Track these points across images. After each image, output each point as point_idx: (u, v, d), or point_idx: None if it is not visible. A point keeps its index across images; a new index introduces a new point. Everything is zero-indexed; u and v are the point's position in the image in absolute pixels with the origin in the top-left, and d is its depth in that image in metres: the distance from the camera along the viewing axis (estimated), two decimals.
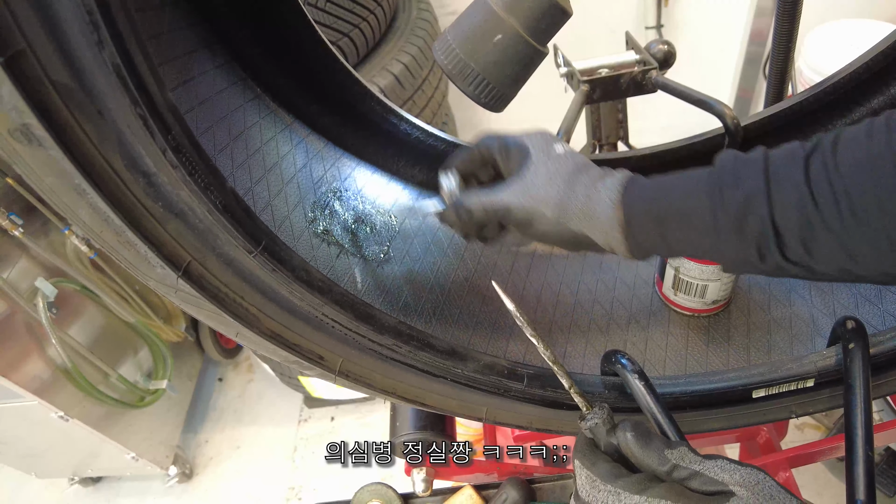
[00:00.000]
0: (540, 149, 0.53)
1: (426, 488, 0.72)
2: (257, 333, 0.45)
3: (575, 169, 0.50)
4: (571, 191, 0.49)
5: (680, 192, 0.44)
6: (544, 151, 0.52)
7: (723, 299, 0.71)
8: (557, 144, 0.53)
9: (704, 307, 0.71)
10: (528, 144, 0.53)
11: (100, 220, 0.37)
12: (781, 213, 0.39)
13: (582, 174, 0.50)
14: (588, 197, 0.48)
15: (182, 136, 0.36)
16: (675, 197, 0.44)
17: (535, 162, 0.52)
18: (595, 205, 0.48)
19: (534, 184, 0.51)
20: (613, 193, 0.47)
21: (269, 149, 0.68)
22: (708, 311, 0.72)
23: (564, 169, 0.50)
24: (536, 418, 0.60)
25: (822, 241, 0.38)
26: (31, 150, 0.32)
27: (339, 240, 0.69)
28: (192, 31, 0.63)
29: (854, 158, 0.36)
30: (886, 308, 0.66)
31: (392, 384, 0.54)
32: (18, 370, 1.41)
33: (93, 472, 1.92)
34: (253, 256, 0.42)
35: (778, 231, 0.39)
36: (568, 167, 0.51)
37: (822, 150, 0.38)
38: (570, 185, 0.49)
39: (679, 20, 2.04)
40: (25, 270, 1.45)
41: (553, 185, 0.50)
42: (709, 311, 0.72)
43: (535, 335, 0.44)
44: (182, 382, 1.99)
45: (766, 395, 0.60)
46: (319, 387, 1.82)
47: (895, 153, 0.35)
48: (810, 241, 0.38)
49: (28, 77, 0.29)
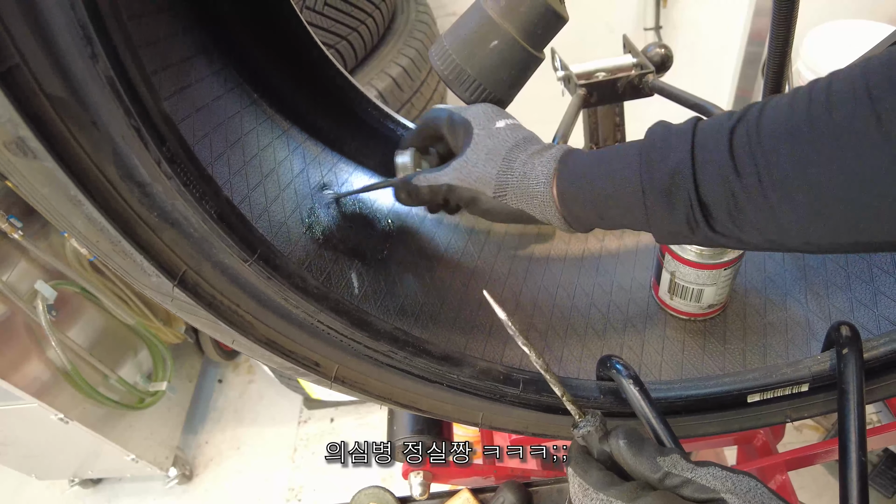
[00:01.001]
0: (481, 125, 0.53)
1: (423, 492, 0.72)
2: (253, 341, 0.46)
3: (513, 145, 0.51)
4: (509, 168, 0.49)
5: (611, 168, 0.44)
6: (485, 128, 0.53)
7: (718, 303, 0.72)
8: (500, 119, 0.54)
9: (700, 311, 0.72)
10: (470, 120, 0.54)
11: (95, 230, 0.37)
12: (707, 186, 0.39)
13: (520, 150, 0.50)
14: (524, 175, 0.49)
15: (177, 146, 0.36)
16: (606, 174, 0.45)
17: (475, 139, 0.52)
18: (530, 182, 0.48)
19: (473, 161, 0.51)
20: (549, 170, 0.47)
21: (266, 155, 0.68)
22: (704, 314, 0.72)
23: (503, 145, 0.51)
24: (532, 423, 0.61)
25: (748, 213, 0.38)
26: (26, 161, 0.33)
27: (335, 245, 0.69)
28: (189, 38, 0.63)
29: (776, 128, 0.36)
30: (881, 312, 0.66)
31: (388, 390, 0.54)
32: (18, 372, 1.41)
33: (93, 474, 1.93)
34: (248, 265, 0.42)
35: (704, 204, 0.39)
36: (507, 143, 0.51)
37: (748, 120, 0.37)
38: (508, 163, 0.50)
39: (678, 21, 2.04)
40: (25, 273, 1.45)
41: (491, 163, 0.50)
42: (705, 315, 0.72)
43: (526, 343, 0.44)
44: (182, 384, 1.99)
45: (761, 400, 0.61)
46: (318, 388, 1.82)
47: (813, 123, 0.34)
48: (736, 213, 0.38)
49: (23, 90, 0.30)
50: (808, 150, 0.34)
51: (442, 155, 0.62)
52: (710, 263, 0.65)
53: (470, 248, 0.81)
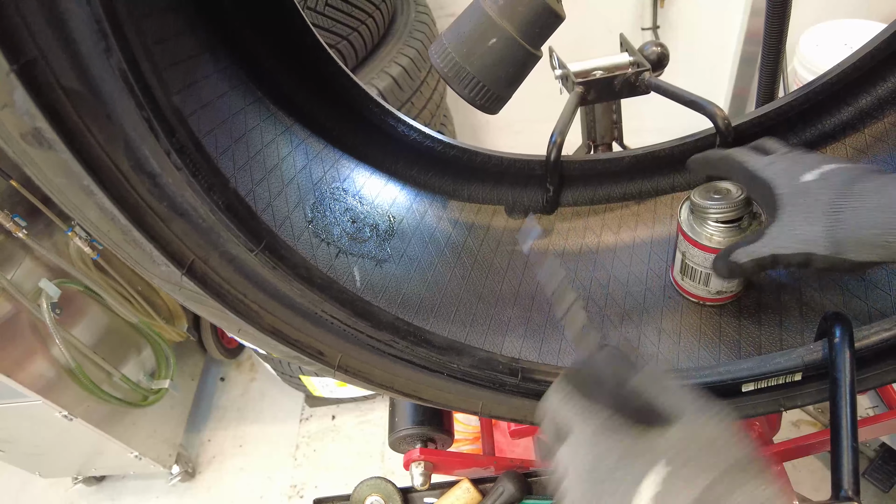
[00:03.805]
0: (784, 184, 0.49)
1: (424, 482, 0.74)
2: (259, 330, 0.47)
3: (835, 196, 0.45)
4: (838, 221, 0.45)
5: None
6: (790, 186, 0.49)
7: (728, 291, 0.72)
8: (806, 173, 0.49)
9: (709, 296, 0.72)
10: (769, 180, 0.51)
11: (107, 220, 0.38)
12: None
13: (846, 197, 0.44)
14: (858, 226, 0.43)
15: (186, 138, 0.37)
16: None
17: (784, 199, 0.49)
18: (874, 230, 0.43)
19: (790, 225, 0.48)
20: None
21: (269, 151, 0.69)
22: (714, 300, 0.73)
23: (821, 199, 0.46)
24: (531, 412, 0.62)
25: None
26: (41, 152, 0.34)
27: (337, 239, 0.70)
28: (195, 36, 0.64)
29: None
30: (872, 304, 0.67)
31: (390, 378, 0.56)
32: (23, 370, 1.43)
33: (96, 471, 1.94)
34: (254, 254, 0.43)
35: None
36: (824, 195, 0.46)
37: None
38: (835, 215, 0.45)
39: (675, 21, 2.05)
40: (29, 271, 1.46)
41: (813, 220, 0.46)
42: (714, 301, 0.73)
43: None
44: (184, 382, 2.00)
45: (756, 389, 0.62)
46: (321, 386, 1.84)
47: None
48: None
49: (40, 83, 0.31)
50: None
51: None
52: (716, 248, 0.66)
53: (470, 243, 0.82)
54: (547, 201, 0.87)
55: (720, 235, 0.65)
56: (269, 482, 1.94)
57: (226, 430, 2.10)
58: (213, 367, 2.28)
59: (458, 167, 0.85)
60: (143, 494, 2.00)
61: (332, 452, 1.97)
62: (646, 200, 0.88)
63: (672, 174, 0.86)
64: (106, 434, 1.63)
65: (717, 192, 0.66)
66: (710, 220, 0.66)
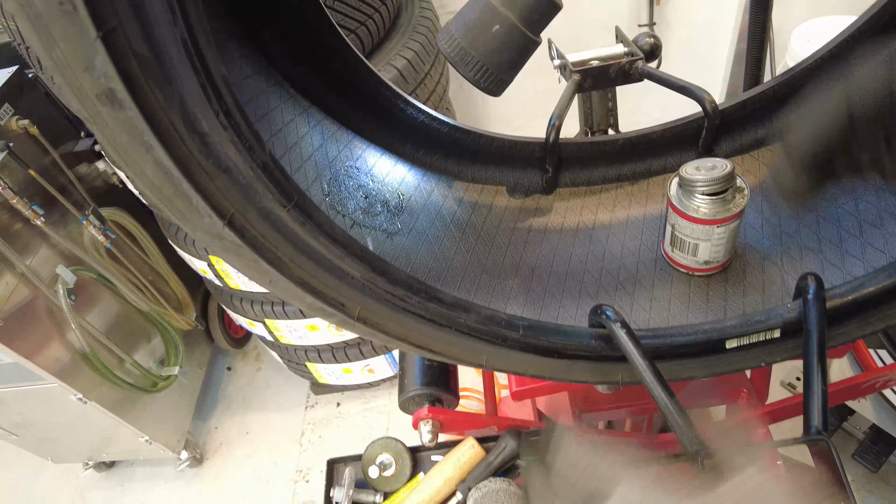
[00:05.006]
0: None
1: (432, 439, 0.79)
2: (289, 279, 0.52)
3: None
4: None
5: None
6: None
7: (715, 261, 0.77)
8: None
9: (697, 266, 0.77)
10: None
11: (161, 174, 0.44)
12: None
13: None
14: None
15: (231, 102, 0.43)
16: None
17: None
18: None
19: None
20: None
21: (289, 129, 0.75)
22: (702, 270, 0.78)
23: None
24: (531, 366, 0.67)
25: None
26: (112, 111, 0.39)
27: (352, 213, 0.76)
28: (222, 23, 0.70)
29: None
30: (848, 270, 0.73)
31: (404, 332, 0.61)
32: (40, 353, 1.48)
33: (107, 456, 1.99)
34: (286, 210, 0.49)
35: None
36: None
37: None
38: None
39: (671, 18, 2.11)
40: (46, 258, 1.52)
41: None
42: (703, 271, 0.78)
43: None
44: (192, 371, 2.05)
45: (739, 346, 0.67)
46: (326, 373, 1.89)
47: None
48: None
49: (117, 49, 0.36)
50: None
51: None
52: (702, 219, 0.71)
53: (474, 219, 0.88)
54: (546, 182, 0.92)
55: (706, 207, 0.71)
56: (274, 468, 1.99)
57: (232, 418, 2.15)
58: (220, 358, 2.33)
59: (462, 149, 0.90)
60: (152, 480, 2.05)
61: (337, 438, 2.02)
62: (639, 181, 0.93)
63: (664, 156, 0.92)
64: (118, 418, 1.68)
65: (703, 168, 0.71)
66: (698, 192, 0.71)
